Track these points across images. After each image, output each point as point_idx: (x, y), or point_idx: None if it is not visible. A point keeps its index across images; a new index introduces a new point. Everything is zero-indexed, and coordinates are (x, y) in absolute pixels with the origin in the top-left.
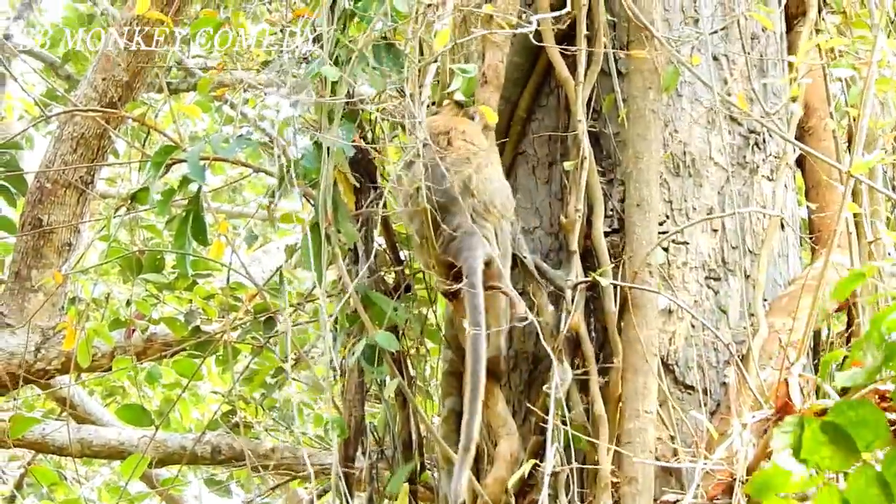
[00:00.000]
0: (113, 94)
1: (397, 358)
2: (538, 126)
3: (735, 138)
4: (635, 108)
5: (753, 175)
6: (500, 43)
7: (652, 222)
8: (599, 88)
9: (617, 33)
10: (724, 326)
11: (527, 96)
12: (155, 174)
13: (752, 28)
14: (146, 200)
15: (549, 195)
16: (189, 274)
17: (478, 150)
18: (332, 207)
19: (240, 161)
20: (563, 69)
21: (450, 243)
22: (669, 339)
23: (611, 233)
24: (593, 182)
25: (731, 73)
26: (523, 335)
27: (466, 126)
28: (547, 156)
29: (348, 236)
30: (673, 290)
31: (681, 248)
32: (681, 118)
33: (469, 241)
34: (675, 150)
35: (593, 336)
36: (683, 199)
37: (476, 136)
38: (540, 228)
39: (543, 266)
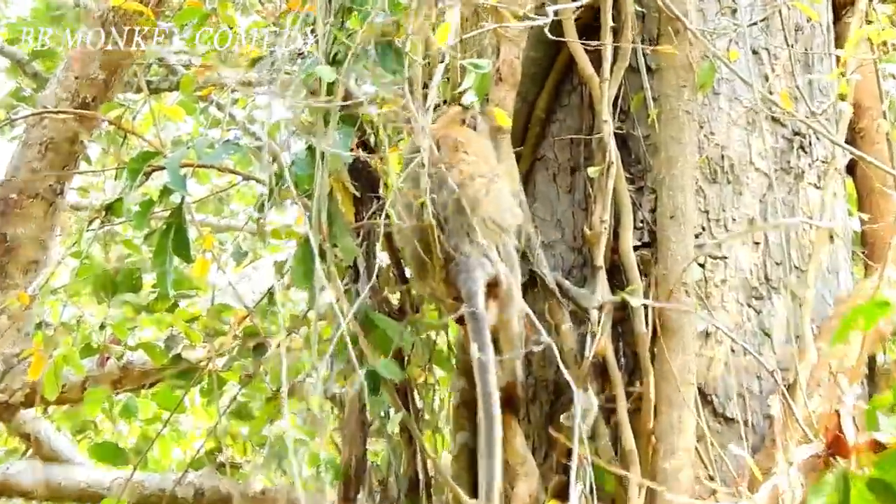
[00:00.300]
0: (86, 95)
1: (402, 388)
2: (559, 128)
3: (778, 141)
4: (667, 107)
5: (799, 182)
6: (516, 37)
7: (687, 235)
8: (627, 86)
9: (646, 25)
10: (768, 351)
11: (546, 95)
12: (132, 183)
13: (796, 18)
14: (122, 212)
15: (572, 205)
16: (170, 294)
17: (475, 160)
18: (329, 220)
19: (227, 168)
20: (586, 65)
21: (448, 266)
22: (707, 365)
23: (641, 247)
24: (621, 190)
25: (773, 68)
26: (543, 361)
27: (465, 135)
28: (569, 161)
29: (347, 252)
30: (710, 311)
31: (719, 264)
32: (718, 119)
33: (467, 264)
34: (712, 154)
35: (622, 362)
36: (721, 208)
37: (475, 145)
38: (561, 242)
39: (565, 284)
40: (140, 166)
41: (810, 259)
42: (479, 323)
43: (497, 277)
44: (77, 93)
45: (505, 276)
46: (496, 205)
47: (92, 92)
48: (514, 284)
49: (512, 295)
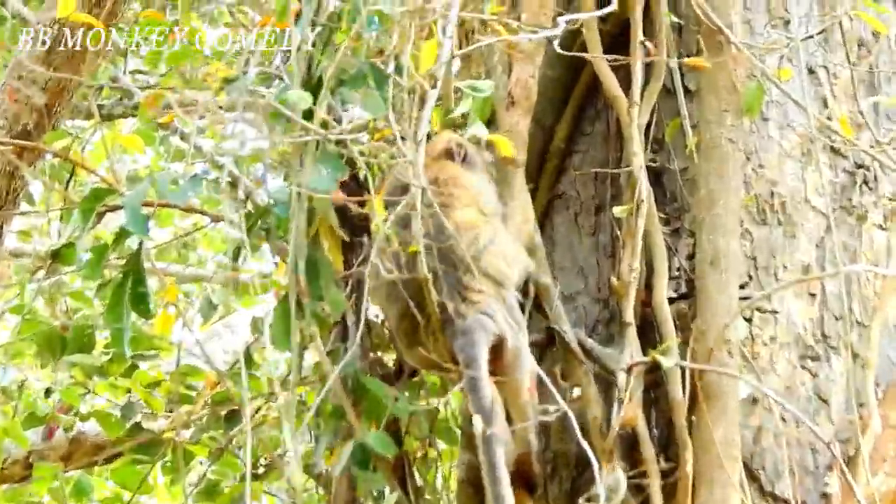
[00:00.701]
0: (27, 121)
1: (399, 463)
2: (581, 160)
3: (838, 175)
4: (708, 136)
5: (862, 223)
6: (531, 53)
7: (730, 285)
8: (661, 111)
9: (684, 39)
10: (825, 420)
11: (566, 122)
12: (84, 226)
13: (860, 31)
14: (71, 260)
15: (597, 250)
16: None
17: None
18: (313, 269)
19: (193, 208)
20: (613, 85)
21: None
22: (754, 436)
23: (677, 298)
24: (654, 232)
25: (833, 90)
26: (563, 432)
27: (452, 173)
28: (593, 199)
29: (334, 305)
30: (758, 374)
31: (768, 319)
32: (767, 149)
33: (464, 326)
34: (761, 190)
35: (654, 433)
36: (771, 254)
37: (464, 184)
38: (584, 293)
39: (589, 342)
40: (93, 206)
41: (875, 313)
42: (480, 392)
43: (501, 338)
44: (16, 119)
45: (510, 336)
46: (494, 255)
47: (33, 119)
48: (522, 345)
49: (520, 357)
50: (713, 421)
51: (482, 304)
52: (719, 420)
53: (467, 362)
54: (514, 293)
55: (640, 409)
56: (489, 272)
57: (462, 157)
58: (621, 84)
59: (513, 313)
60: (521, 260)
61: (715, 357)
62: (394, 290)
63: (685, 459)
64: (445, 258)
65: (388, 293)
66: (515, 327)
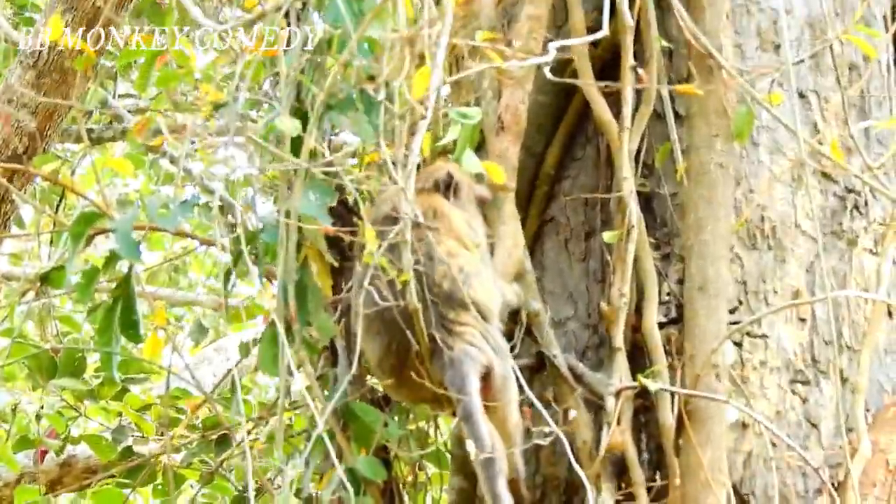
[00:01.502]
0: (17, 145)
1: (388, 488)
2: (571, 186)
3: (828, 200)
4: (697, 161)
5: (852, 247)
6: (521, 78)
7: (719, 310)
8: (651, 136)
9: (674, 64)
10: (815, 445)
11: (556, 147)
12: (74, 249)
13: (851, 56)
14: (61, 283)
15: (587, 276)
16: (117, 379)
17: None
18: (302, 294)
19: (183, 232)
20: (603, 111)
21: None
22: (744, 461)
23: (667, 323)
24: (644, 258)
25: (823, 114)
26: (553, 457)
27: (436, 204)
28: (583, 224)
29: (323, 330)
30: (748, 398)
31: (758, 344)
32: (758, 174)
33: (452, 358)
34: (751, 215)
35: (644, 457)
36: (761, 279)
37: (449, 216)
38: (574, 319)
39: (579, 367)
40: (83, 230)
41: (865, 338)
42: (476, 421)
43: (489, 366)
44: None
45: (497, 365)
46: (477, 288)
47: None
48: (508, 372)
49: (507, 383)
50: (700, 445)
51: (467, 336)
52: (706, 444)
53: (460, 393)
54: (497, 324)
55: (630, 434)
56: (472, 305)
57: (450, 188)
58: (612, 109)
59: (497, 342)
60: (505, 292)
61: (702, 381)
62: (376, 324)
63: (673, 484)
64: (430, 290)
65: (369, 327)
66: (501, 355)
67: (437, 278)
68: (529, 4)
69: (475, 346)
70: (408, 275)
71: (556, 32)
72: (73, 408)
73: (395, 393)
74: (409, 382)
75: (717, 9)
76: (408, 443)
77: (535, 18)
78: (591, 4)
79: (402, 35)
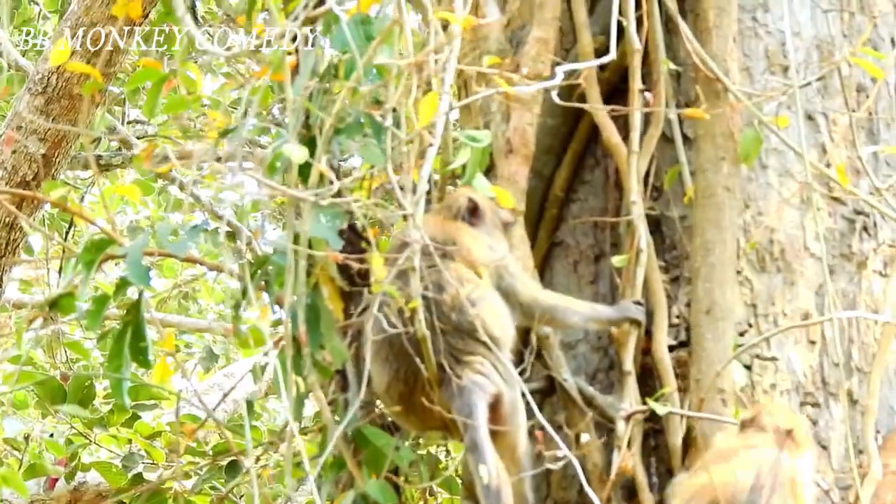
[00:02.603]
0: (26, 172)
1: None
2: (580, 208)
3: (837, 222)
4: (705, 184)
5: (861, 270)
6: (529, 101)
7: (726, 332)
8: (660, 159)
9: (682, 87)
10: (825, 467)
11: (565, 170)
12: (85, 276)
13: (858, 78)
14: (70, 309)
15: (596, 298)
16: (128, 405)
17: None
18: (314, 318)
19: (193, 259)
20: (612, 134)
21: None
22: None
23: (677, 346)
24: (653, 281)
25: (832, 136)
26: (564, 480)
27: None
28: (592, 247)
29: (336, 355)
30: None
31: (767, 366)
32: (766, 197)
33: (460, 387)
34: (760, 238)
35: (654, 481)
36: (770, 301)
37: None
38: (584, 342)
39: (589, 390)
40: (94, 256)
41: (875, 360)
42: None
43: (498, 395)
44: (15, 170)
45: (506, 391)
46: (487, 318)
47: (33, 169)
48: (517, 399)
49: (516, 410)
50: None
51: (476, 364)
52: None
53: (468, 423)
54: (506, 352)
55: (640, 458)
56: (482, 334)
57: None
58: (620, 132)
59: (506, 370)
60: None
61: (708, 406)
62: (385, 351)
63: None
64: (439, 318)
65: (377, 354)
66: (510, 383)
67: (447, 307)
68: (537, 28)
69: (484, 375)
70: (416, 302)
71: (563, 55)
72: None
73: (403, 420)
74: (417, 410)
75: (723, 31)
76: (418, 468)
77: (542, 42)
78: (598, 28)
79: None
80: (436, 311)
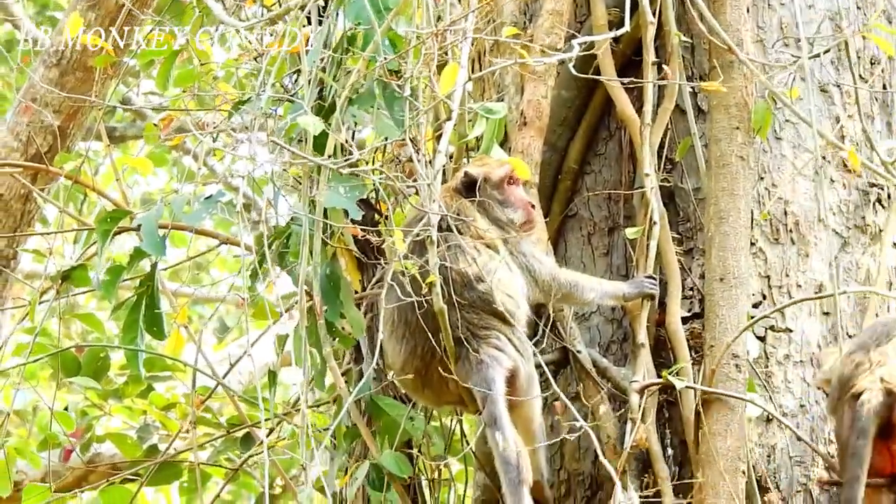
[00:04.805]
0: (41, 144)
1: (411, 484)
2: (594, 181)
3: (851, 194)
4: (719, 154)
5: (875, 241)
6: (544, 73)
7: (739, 300)
8: (674, 130)
9: (696, 59)
10: None
11: (579, 142)
12: (102, 245)
13: (872, 50)
14: (83, 282)
15: (610, 270)
16: (143, 375)
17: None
18: (333, 287)
19: (206, 231)
20: (626, 106)
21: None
22: (768, 455)
23: (691, 318)
24: (667, 252)
25: (846, 108)
26: (578, 452)
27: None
28: (606, 219)
29: (354, 325)
30: (771, 392)
31: (781, 338)
32: (780, 168)
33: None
34: (774, 209)
35: (668, 453)
36: (784, 272)
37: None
38: (598, 314)
39: (603, 362)
40: (110, 227)
41: None
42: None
43: (514, 369)
44: (30, 142)
45: (522, 365)
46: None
47: (47, 141)
48: (533, 372)
49: (532, 383)
50: (719, 434)
51: (493, 339)
52: (724, 435)
53: (486, 398)
54: (522, 326)
55: (654, 429)
56: (498, 310)
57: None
58: (634, 104)
59: (522, 344)
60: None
61: (720, 370)
62: (401, 328)
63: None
64: (456, 294)
65: (394, 332)
66: (526, 357)
67: (462, 283)
68: (551, 0)
69: (500, 350)
70: (434, 276)
71: (577, 27)
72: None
73: (418, 396)
74: (434, 385)
75: (737, 3)
76: (429, 439)
77: (556, 14)
78: (612, 0)
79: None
80: (452, 287)
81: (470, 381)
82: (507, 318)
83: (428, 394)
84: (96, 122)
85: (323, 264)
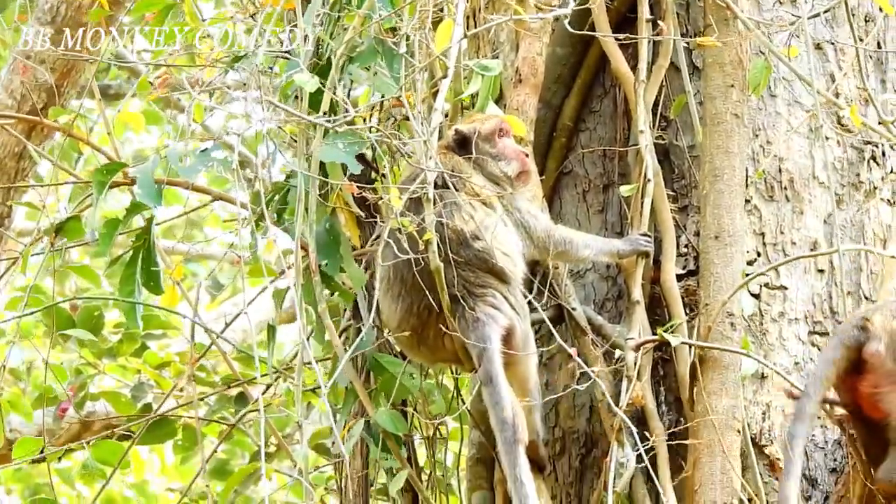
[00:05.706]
0: (35, 101)
1: (408, 441)
2: (588, 138)
3: (846, 151)
4: (714, 112)
5: (870, 198)
6: (539, 30)
7: (734, 258)
8: (668, 88)
9: (691, 16)
10: (835, 395)
11: (574, 99)
12: (98, 196)
13: (867, 7)
14: (77, 234)
15: (604, 227)
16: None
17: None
18: (331, 242)
19: (200, 188)
20: (620, 63)
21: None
22: (763, 412)
23: (685, 275)
24: (661, 210)
25: (840, 66)
26: (573, 410)
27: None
28: (601, 176)
29: (354, 279)
30: (766, 350)
31: (776, 295)
32: (775, 126)
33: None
34: (769, 166)
35: (663, 410)
36: (779, 230)
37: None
38: (593, 271)
39: (598, 319)
40: (107, 179)
41: (881, 288)
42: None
43: (510, 328)
44: (24, 99)
45: (518, 323)
46: (499, 247)
47: (42, 98)
48: (528, 332)
49: (528, 341)
50: (715, 392)
51: (489, 297)
52: (719, 393)
53: (481, 356)
54: (517, 284)
55: (649, 386)
56: (494, 268)
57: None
58: (629, 62)
59: (518, 302)
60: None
61: (715, 328)
62: (398, 287)
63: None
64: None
65: (389, 290)
66: (522, 315)
67: (459, 240)
68: None
69: (496, 308)
70: (430, 234)
71: None
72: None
73: (413, 354)
74: (430, 343)
75: None
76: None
77: None
78: None
79: None
80: (448, 245)
81: (466, 340)
82: (503, 277)
83: (424, 351)
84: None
85: (322, 220)
